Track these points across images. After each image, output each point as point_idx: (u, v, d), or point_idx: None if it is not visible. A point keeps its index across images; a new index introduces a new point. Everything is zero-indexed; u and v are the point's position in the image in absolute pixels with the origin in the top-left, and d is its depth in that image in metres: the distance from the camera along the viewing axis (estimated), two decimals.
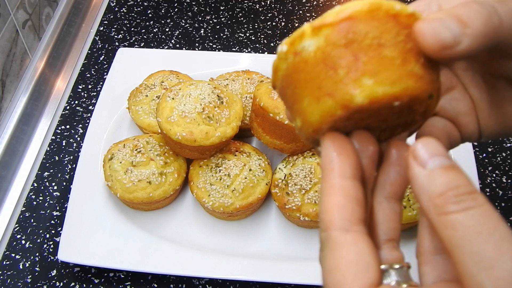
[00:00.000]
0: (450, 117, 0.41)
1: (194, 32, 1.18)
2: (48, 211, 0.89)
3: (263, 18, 1.21)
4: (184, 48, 1.15)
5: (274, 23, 1.20)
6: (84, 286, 0.81)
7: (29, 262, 0.83)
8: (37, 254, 0.84)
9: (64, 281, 0.81)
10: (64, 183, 0.93)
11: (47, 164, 0.96)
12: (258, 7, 1.24)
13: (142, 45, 1.16)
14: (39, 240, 0.86)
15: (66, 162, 0.96)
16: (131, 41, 1.17)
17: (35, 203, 0.90)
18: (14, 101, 1.00)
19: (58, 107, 1.06)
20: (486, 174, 0.93)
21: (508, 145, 0.97)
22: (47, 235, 0.86)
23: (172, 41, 1.17)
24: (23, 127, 1.00)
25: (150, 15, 1.22)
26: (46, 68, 1.08)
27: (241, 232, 0.83)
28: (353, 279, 0.28)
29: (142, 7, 1.24)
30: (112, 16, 1.22)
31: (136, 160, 0.80)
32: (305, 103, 0.31)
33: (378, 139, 0.34)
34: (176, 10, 1.23)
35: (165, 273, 0.77)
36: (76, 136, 1.00)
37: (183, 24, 1.20)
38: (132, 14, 1.23)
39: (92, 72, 1.11)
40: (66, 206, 0.87)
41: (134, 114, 0.90)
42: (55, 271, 0.82)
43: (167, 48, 1.15)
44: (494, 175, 0.93)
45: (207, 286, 0.80)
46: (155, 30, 1.19)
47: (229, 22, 1.21)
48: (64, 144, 0.99)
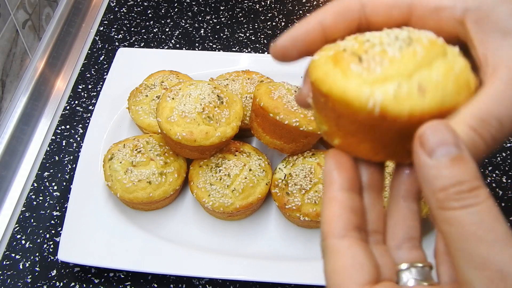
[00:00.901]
0: None
1: (194, 32, 1.18)
2: (48, 211, 0.89)
3: (263, 18, 1.21)
4: (184, 48, 1.15)
5: (274, 23, 1.20)
6: (84, 286, 0.81)
7: (29, 262, 0.83)
8: (37, 254, 0.84)
9: (64, 281, 0.81)
10: (64, 183, 0.93)
11: (47, 164, 0.96)
12: (258, 7, 1.24)
13: (142, 45, 1.16)
14: (39, 240, 0.86)
15: (66, 162, 0.96)
16: (131, 41, 1.17)
17: (35, 203, 0.90)
18: (14, 101, 1.00)
19: (58, 107, 1.06)
20: (486, 174, 0.93)
21: (508, 145, 0.97)
22: (47, 235, 0.86)
23: (172, 41, 1.17)
24: (23, 127, 1.00)
25: (150, 15, 1.22)
26: (46, 68, 1.08)
27: (241, 232, 0.83)
28: (349, 280, 0.30)
29: (142, 7, 1.24)
30: (112, 16, 1.22)
31: (136, 160, 0.80)
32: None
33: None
34: (176, 10, 1.23)
35: (165, 273, 0.77)
36: (76, 136, 1.00)
37: (183, 24, 1.20)
38: (132, 14, 1.23)
39: (92, 72, 1.11)
40: (66, 206, 0.87)
41: (134, 114, 0.90)
42: (55, 271, 0.82)
43: (167, 48, 1.15)
44: (494, 175, 0.93)
45: (207, 286, 0.80)
46: (155, 30, 1.19)
47: (229, 22, 1.21)
48: (64, 144, 0.99)
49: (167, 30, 1.19)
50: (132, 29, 1.19)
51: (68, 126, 1.02)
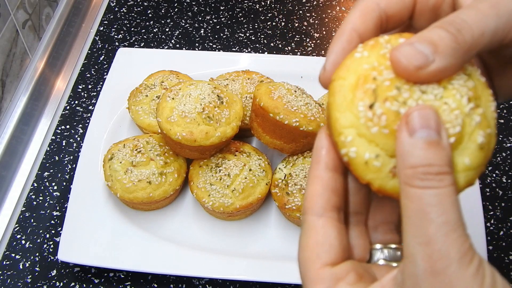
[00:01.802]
0: None
1: (194, 32, 1.18)
2: (48, 211, 0.89)
3: (263, 18, 1.21)
4: (184, 48, 1.15)
5: (274, 23, 1.20)
6: (84, 286, 0.81)
7: (29, 262, 0.83)
8: (37, 254, 0.84)
9: (64, 281, 0.81)
10: (64, 183, 0.93)
11: (47, 164, 0.96)
12: (258, 7, 1.24)
13: (142, 45, 1.16)
14: (39, 240, 0.86)
15: (66, 162, 0.96)
16: (131, 41, 1.17)
17: (35, 203, 0.90)
18: (14, 101, 1.00)
19: (58, 107, 1.06)
20: (486, 174, 0.93)
21: (508, 145, 0.97)
22: (47, 235, 0.86)
23: (172, 41, 1.17)
24: (23, 127, 1.00)
25: (150, 15, 1.22)
26: (46, 68, 1.08)
27: (241, 232, 0.83)
28: (316, 257, 0.33)
29: (142, 7, 1.24)
30: (112, 16, 1.22)
31: (136, 160, 0.80)
32: None
33: None
34: (176, 10, 1.23)
35: (165, 273, 0.77)
36: (76, 136, 1.00)
37: (183, 24, 1.20)
38: (132, 14, 1.23)
39: (92, 72, 1.11)
40: (66, 206, 0.87)
41: (134, 114, 0.90)
42: (55, 271, 0.82)
43: (167, 48, 1.15)
44: (494, 175, 0.93)
45: (207, 286, 0.80)
46: (155, 30, 1.19)
47: (229, 22, 1.21)
48: (64, 144, 0.99)
49: (167, 30, 1.19)
50: (132, 29, 1.19)
51: (68, 126, 1.02)
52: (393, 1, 0.36)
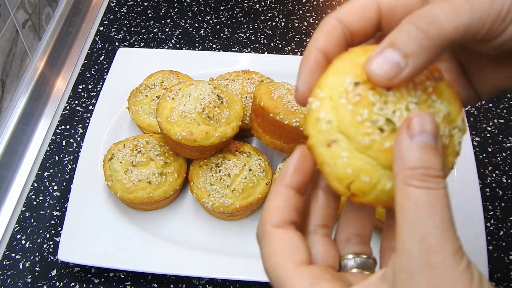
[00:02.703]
0: None
1: (194, 32, 1.18)
2: (48, 211, 0.89)
3: (263, 18, 1.21)
4: (184, 48, 1.15)
5: (274, 23, 1.20)
6: (84, 286, 0.81)
7: (29, 262, 0.83)
8: (37, 254, 0.84)
9: (64, 281, 0.81)
10: (64, 183, 0.93)
11: (47, 164, 0.96)
12: (258, 7, 1.24)
13: (142, 45, 1.16)
14: (39, 240, 0.86)
15: (66, 162, 0.96)
16: (131, 41, 1.17)
17: (35, 203, 0.90)
18: (14, 101, 1.00)
19: (58, 107, 1.06)
20: (486, 174, 0.93)
21: (508, 145, 0.97)
22: (47, 235, 0.86)
23: (172, 41, 1.17)
24: (23, 127, 1.00)
25: (150, 15, 1.22)
26: (46, 68, 1.08)
27: (241, 232, 0.83)
28: (288, 259, 0.34)
29: (142, 7, 1.24)
30: (112, 16, 1.22)
31: (136, 160, 0.80)
32: None
33: None
34: (176, 10, 1.23)
35: (165, 273, 0.77)
36: (76, 136, 1.00)
37: (183, 24, 1.20)
38: (132, 14, 1.23)
39: (92, 72, 1.11)
40: (66, 206, 0.87)
41: (134, 114, 0.90)
42: (55, 271, 0.82)
43: (167, 48, 1.15)
44: (494, 175, 0.93)
45: (207, 286, 0.80)
46: (155, 30, 1.19)
47: (229, 22, 1.21)
48: (64, 144, 0.99)
49: (167, 30, 1.19)
50: (132, 29, 1.19)
51: (68, 126, 1.02)
52: (354, 18, 0.37)
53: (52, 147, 0.98)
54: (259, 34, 1.18)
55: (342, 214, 0.39)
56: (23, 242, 0.86)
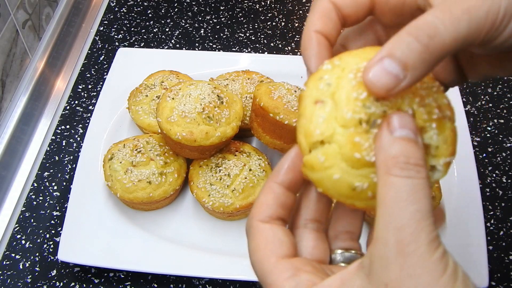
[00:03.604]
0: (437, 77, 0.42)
1: (194, 32, 1.18)
2: (48, 211, 0.89)
3: (263, 18, 1.21)
4: (184, 48, 1.15)
5: (274, 23, 1.20)
6: (84, 286, 0.81)
7: (29, 262, 0.83)
8: (37, 254, 0.84)
9: (64, 281, 0.81)
10: (64, 183, 0.93)
11: (47, 164, 0.96)
12: (258, 7, 1.24)
13: (142, 45, 1.16)
14: (39, 240, 0.86)
15: (66, 162, 0.96)
16: (131, 41, 1.17)
17: (35, 203, 0.90)
18: (14, 101, 1.00)
19: (58, 107, 1.06)
20: (486, 174, 0.93)
21: (508, 145, 0.97)
22: (47, 235, 0.86)
23: (172, 41, 1.17)
24: (23, 127, 1.00)
25: (150, 15, 1.22)
26: (46, 68, 1.08)
27: (241, 232, 0.83)
28: (270, 253, 0.35)
29: (142, 7, 1.24)
30: (112, 16, 1.22)
31: (136, 160, 0.80)
32: None
33: None
34: (176, 10, 1.23)
35: (165, 273, 0.77)
36: (76, 136, 1.00)
37: (183, 24, 1.20)
38: (132, 14, 1.23)
39: (92, 72, 1.11)
40: (66, 206, 0.87)
41: (134, 114, 0.90)
42: (55, 271, 0.82)
43: (167, 48, 1.15)
44: (494, 175, 0.93)
45: (207, 286, 0.80)
46: (155, 30, 1.19)
47: (229, 22, 1.21)
48: (64, 144, 0.99)
49: (167, 30, 1.19)
50: (132, 29, 1.19)
51: (68, 126, 1.02)
52: (347, 2, 0.37)
53: (52, 147, 0.98)
54: (259, 34, 1.18)
55: (332, 211, 0.40)
56: (23, 242, 0.86)
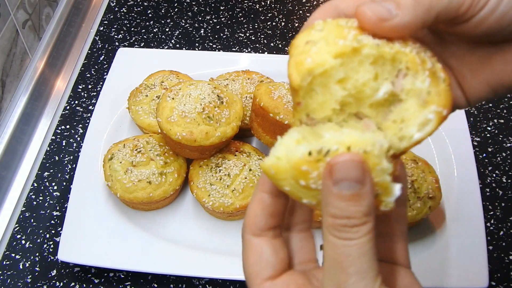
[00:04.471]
0: None
1: (194, 32, 1.18)
2: (48, 211, 0.89)
3: (263, 18, 1.21)
4: (184, 48, 1.15)
5: (274, 23, 1.20)
6: (84, 286, 0.81)
7: (29, 262, 0.83)
8: (37, 254, 0.84)
9: (64, 281, 0.81)
10: (64, 183, 0.93)
11: (47, 164, 0.96)
12: (258, 7, 1.24)
13: (142, 45, 1.16)
14: (39, 240, 0.86)
15: (66, 162, 0.96)
16: (131, 41, 1.17)
17: (35, 203, 0.90)
18: (14, 101, 1.00)
19: (58, 107, 1.06)
20: (486, 174, 0.93)
21: (508, 145, 0.97)
22: (47, 235, 0.86)
23: (172, 41, 1.17)
24: (23, 127, 1.00)
25: (150, 15, 1.22)
26: (46, 68, 1.08)
27: (241, 232, 0.83)
28: (256, 275, 0.37)
29: (142, 7, 1.24)
30: (112, 16, 1.22)
31: (136, 160, 0.80)
32: None
33: None
34: (176, 10, 1.23)
35: (165, 273, 0.77)
36: (76, 136, 1.00)
37: (183, 24, 1.20)
38: (132, 14, 1.23)
39: (92, 72, 1.11)
40: (66, 206, 0.87)
41: (134, 114, 0.90)
42: (55, 271, 0.82)
43: (167, 48, 1.15)
44: (494, 175, 0.93)
45: (207, 286, 0.80)
46: (155, 30, 1.19)
47: (229, 22, 1.21)
48: (64, 144, 0.99)
49: (167, 30, 1.19)
50: (132, 29, 1.19)
51: (68, 126, 1.02)
52: (350, 5, 0.39)
53: (52, 147, 0.98)
54: (259, 34, 1.18)
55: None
56: (23, 242, 0.86)
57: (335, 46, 0.34)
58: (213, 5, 1.24)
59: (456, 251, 0.78)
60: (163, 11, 1.23)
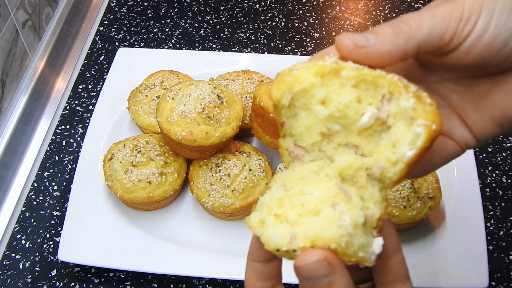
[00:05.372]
0: (444, 133, 0.43)
1: (194, 32, 1.18)
2: (48, 211, 0.89)
3: (263, 18, 1.21)
4: (184, 48, 1.15)
5: (274, 23, 1.20)
6: (84, 286, 0.81)
7: (29, 262, 0.83)
8: (37, 254, 0.84)
9: (64, 281, 0.81)
10: (64, 183, 0.93)
11: (47, 164, 0.96)
12: (258, 7, 1.24)
13: (142, 45, 1.16)
14: (39, 240, 0.86)
15: (66, 162, 0.96)
16: (131, 41, 1.17)
17: (35, 203, 0.90)
18: (14, 101, 1.00)
19: (58, 107, 1.06)
20: (486, 174, 0.93)
21: (508, 145, 0.97)
22: (47, 235, 0.86)
23: (172, 41, 1.17)
24: (23, 127, 1.00)
25: (150, 15, 1.22)
26: (46, 68, 1.08)
27: (241, 232, 0.83)
28: None
29: (142, 7, 1.24)
30: (112, 16, 1.22)
31: (136, 160, 0.80)
32: None
33: None
34: (176, 10, 1.23)
35: (165, 273, 0.77)
36: (76, 136, 1.00)
37: (183, 24, 1.20)
38: (132, 14, 1.23)
39: (92, 72, 1.11)
40: (66, 206, 0.87)
41: (134, 114, 0.90)
42: (55, 271, 0.82)
43: (167, 48, 1.15)
44: (494, 175, 0.93)
45: (207, 286, 0.80)
46: (155, 30, 1.19)
47: (229, 22, 1.21)
48: (64, 144, 0.99)
49: (167, 30, 1.19)
50: (132, 29, 1.19)
51: (68, 126, 1.02)
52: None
53: (52, 147, 0.98)
54: (259, 34, 1.18)
55: None
56: (23, 242, 0.86)
57: (315, 67, 0.36)
58: (213, 5, 1.24)
59: (456, 251, 0.78)
60: (163, 11, 1.23)
